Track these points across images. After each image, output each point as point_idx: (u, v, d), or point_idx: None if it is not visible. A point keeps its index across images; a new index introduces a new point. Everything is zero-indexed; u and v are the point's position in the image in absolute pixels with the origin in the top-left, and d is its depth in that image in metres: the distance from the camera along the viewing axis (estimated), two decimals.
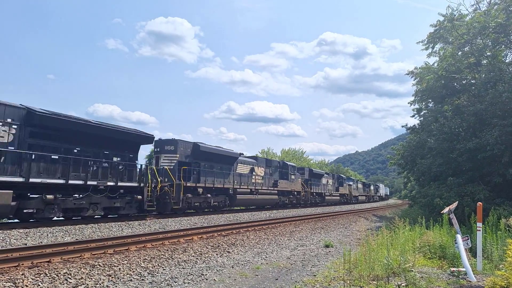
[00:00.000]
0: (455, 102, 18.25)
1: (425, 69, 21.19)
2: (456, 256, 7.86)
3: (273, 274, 7.53)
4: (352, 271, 6.85)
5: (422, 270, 7.39)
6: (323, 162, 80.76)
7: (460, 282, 6.54)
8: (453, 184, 15.76)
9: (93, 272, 6.83)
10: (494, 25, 16.06)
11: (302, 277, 7.16)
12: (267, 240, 12.43)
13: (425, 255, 8.75)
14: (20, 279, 6.05)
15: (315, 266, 8.38)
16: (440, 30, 19.73)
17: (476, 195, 14.32)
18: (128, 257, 8.21)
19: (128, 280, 6.65)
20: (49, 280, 6.18)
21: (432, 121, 19.45)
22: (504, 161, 14.22)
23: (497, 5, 17.85)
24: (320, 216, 22.73)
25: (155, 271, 7.42)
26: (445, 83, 18.81)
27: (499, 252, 7.82)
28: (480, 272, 7.22)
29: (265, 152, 60.91)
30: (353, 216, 25.29)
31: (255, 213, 23.17)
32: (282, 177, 30.64)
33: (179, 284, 6.54)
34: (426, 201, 16.47)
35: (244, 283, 6.80)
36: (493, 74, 15.94)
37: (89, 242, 9.65)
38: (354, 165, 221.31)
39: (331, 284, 6.46)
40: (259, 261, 8.87)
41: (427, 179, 19.21)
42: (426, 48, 21.03)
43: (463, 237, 7.87)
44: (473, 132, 16.59)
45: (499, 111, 15.04)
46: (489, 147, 14.37)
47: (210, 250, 9.92)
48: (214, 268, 7.90)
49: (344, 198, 47.20)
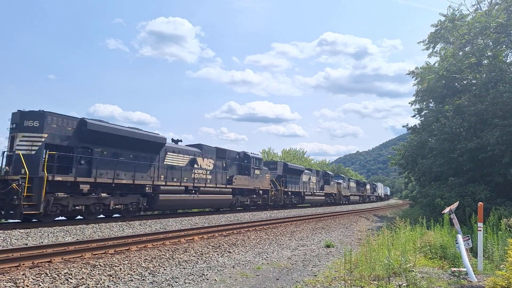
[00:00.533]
0: (456, 102, 18.23)
1: (426, 69, 21.20)
2: (457, 256, 7.85)
3: (274, 274, 7.53)
4: (353, 271, 6.85)
5: (423, 270, 7.38)
6: (323, 162, 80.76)
7: (461, 282, 6.53)
8: (454, 184, 15.75)
9: (94, 272, 6.84)
10: (495, 25, 16.06)
11: (303, 277, 7.16)
12: (268, 240, 12.43)
13: (426, 255, 8.74)
14: (21, 279, 6.06)
15: (316, 266, 8.38)
16: (441, 30, 19.74)
17: (477, 195, 14.31)
18: (129, 257, 8.22)
19: (129, 280, 6.65)
20: (50, 280, 6.19)
21: (433, 121, 19.44)
22: (505, 161, 14.21)
23: (498, 5, 17.83)
24: (321, 216, 22.78)
25: (156, 271, 7.42)
26: (446, 83, 18.80)
27: (500, 252, 7.82)
28: (481, 272, 7.21)
29: (265, 152, 60.88)
30: (354, 216, 25.29)
31: (255, 213, 23.19)
32: (242, 172, 24.46)
33: (180, 284, 6.54)
34: (427, 201, 16.46)
35: (245, 283, 6.80)
36: (494, 74, 15.94)
37: (90, 242, 9.65)
38: (355, 165, 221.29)
39: (332, 284, 6.46)
40: (260, 261, 8.87)
41: (428, 179, 19.19)
42: (427, 48, 21.07)
43: (464, 237, 7.86)
44: (474, 132, 16.58)
45: (500, 111, 15.03)
46: (490, 147, 14.37)
47: (211, 250, 9.92)
48: (215, 268, 7.90)
49: (330, 198, 41.78)
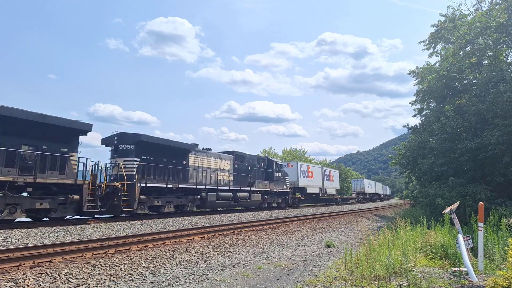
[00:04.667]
0: (456, 102, 18.21)
1: (427, 69, 21.19)
2: (457, 256, 7.85)
3: (274, 274, 7.53)
4: (354, 271, 6.85)
5: (423, 270, 7.38)
6: (324, 162, 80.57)
7: (461, 282, 6.52)
8: (454, 184, 15.73)
9: (95, 272, 6.84)
10: (496, 25, 16.04)
11: (303, 277, 7.16)
12: (269, 240, 12.43)
13: (426, 255, 8.74)
14: (21, 279, 6.06)
15: (316, 266, 8.38)
16: (441, 30, 19.71)
17: (477, 195, 14.29)
18: (129, 257, 8.22)
19: (130, 280, 6.65)
20: (51, 280, 6.19)
21: (434, 121, 19.44)
22: (505, 161, 14.20)
23: (498, 5, 17.81)
24: (321, 216, 22.80)
25: (156, 271, 7.42)
26: (447, 83, 18.79)
27: (500, 252, 7.81)
28: (481, 272, 7.20)
29: (266, 152, 60.87)
30: (354, 216, 25.32)
31: (256, 213, 23.22)
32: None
33: (181, 284, 6.54)
34: (428, 201, 16.45)
35: (246, 283, 6.80)
36: (495, 74, 15.91)
37: (90, 242, 9.66)
38: (355, 165, 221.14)
39: (332, 284, 6.46)
40: (260, 261, 8.87)
41: (429, 179, 19.18)
42: (428, 48, 21.05)
43: (464, 237, 7.85)
44: (474, 132, 16.57)
45: (501, 111, 15.01)
46: (491, 147, 14.35)
47: (212, 250, 9.92)
48: (216, 268, 7.90)
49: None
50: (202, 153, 21.30)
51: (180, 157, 19.52)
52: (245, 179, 24.61)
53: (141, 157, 17.08)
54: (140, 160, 16.98)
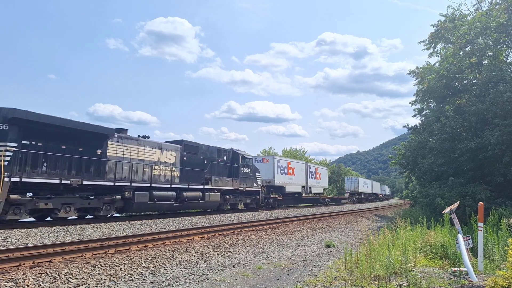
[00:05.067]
0: (456, 102, 18.22)
1: (427, 69, 21.19)
2: (457, 256, 7.84)
3: (274, 274, 7.53)
4: (354, 271, 6.85)
5: (423, 270, 7.38)
6: (324, 162, 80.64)
7: (461, 282, 6.53)
8: (454, 184, 15.74)
9: (95, 272, 6.84)
10: (496, 25, 16.05)
11: (303, 277, 7.16)
12: (269, 240, 12.43)
13: (426, 255, 8.74)
14: (21, 279, 6.06)
15: (316, 266, 8.38)
16: (441, 30, 19.71)
17: (477, 195, 14.29)
18: (129, 257, 8.22)
19: (130, 280, 6.65)
20: (50, 280, 6.19)
21: (434, 121, 19.44)
22: (505, 161, 14.20)
23: (498, 5, 17.82)
24: (321, 216, 22.80)
25: (156, 271, 7.42)
26: (447, 83, 18.79)
27: (500, 252, 7.81)
28: (481, 272, 7.20)
29: (266, 152, 60.87)
30: (354, 216, 25.31)
31: (256, 213, 23.22)
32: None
33: (181, 284, 6.54)
34: (428, 201, 16.45)
35: (246, 283, 6.80)
36: (495, 74, 15.92)
37: (90, 242, 9.66)
38: (355, 165, 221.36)
39: (332, 284, 6.46)
40: (260, 261, 8.87)
41: (428, 179, 19.18)
42: (428, 48, 21.04)
43: (464, 237, 7.86)
44: (474, 132, 16.57)
45: (500, 111, 15.02)
46: (490, 147, 14.35)
47: (212, 250, 9.92)
48: (216, 268, 7.90)
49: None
50: (131, 141, 16.55)
51: (92, 145, 14.83)
52: (198, 175, 20.19)
53: (20, 142, 12.45)
54: (19, 145, 12.33)
